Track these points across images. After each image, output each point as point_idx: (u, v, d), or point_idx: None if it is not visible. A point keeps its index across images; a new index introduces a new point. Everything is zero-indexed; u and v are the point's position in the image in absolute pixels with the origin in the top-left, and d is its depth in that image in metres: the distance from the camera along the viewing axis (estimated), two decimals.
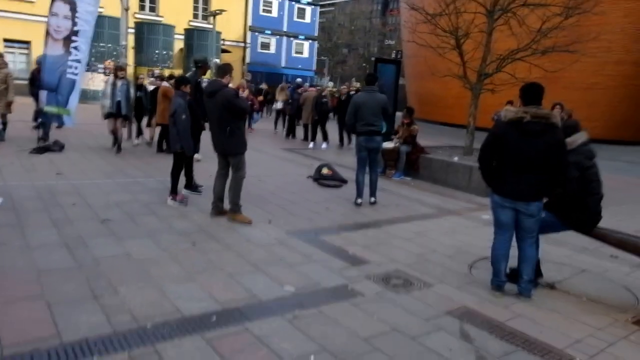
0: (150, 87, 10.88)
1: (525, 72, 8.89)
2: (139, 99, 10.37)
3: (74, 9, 8.84)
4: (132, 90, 9.87)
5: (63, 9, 8.83)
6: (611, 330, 3.60)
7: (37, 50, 12.60)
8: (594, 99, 19.12)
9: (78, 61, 8.86)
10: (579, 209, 4.14)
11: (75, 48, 8.82)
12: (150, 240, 4.72)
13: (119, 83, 9.33)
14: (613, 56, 18.69)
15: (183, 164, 6.31)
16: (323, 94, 13.67)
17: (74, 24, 8.82)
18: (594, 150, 4.25)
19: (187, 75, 7.34)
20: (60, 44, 8.83)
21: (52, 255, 4.12)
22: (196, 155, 9.08)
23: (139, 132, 10.81)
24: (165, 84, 9.77)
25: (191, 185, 6.75)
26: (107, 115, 9.36)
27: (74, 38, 8.79)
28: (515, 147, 3.84)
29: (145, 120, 11.02)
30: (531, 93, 3.90)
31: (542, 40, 9.28)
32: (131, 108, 9.80)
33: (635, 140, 19.99)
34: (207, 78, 11.14)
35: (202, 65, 7.24)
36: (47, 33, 8.92)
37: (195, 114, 6.29)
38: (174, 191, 6.17)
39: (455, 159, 9.11)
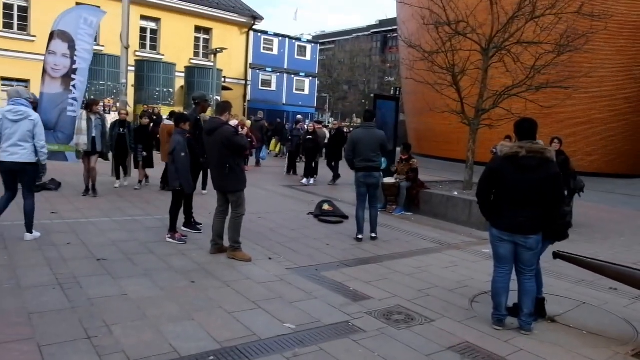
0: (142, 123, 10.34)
1: (522, 107, 9.05)
2: (121, 136, 9.60)
3: (72, 47, 9.00)
4: (107, 126, 9.27)
5: (61, 47, 8.99)
6: None
7: (35, 88, 12.81)
8: (589, 133, 19.40)
9: (75, 99, 9.00)
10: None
11: (74, 86, 8.95)
12: (147, 279, 4.68)
13: (93, 118, 8.74)
14: (605, 92, 19.11)
15: (182, 201, 6.32)
16: (309, 130, 13.68)
17: (73, 62, 8.97)
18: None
19: (187, 112, 7.41)
20: (59, 82, 8.94)
21: (44, 296, 4.06)
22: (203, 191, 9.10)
23: (125, 172, 10.12)
24: (168, 122, 9.67)
25: (190, 223, 6.75)
26: (84, 154, 8.69)
27: (73, 76, 8.93)
28: (512, 181, 3.90)
29: (132, 160, 10.28)
30: (524, 128, 3.99)
31: (536, 76, 9.49)
32: (107, 145, 9.20)
33: (631, 174, 20.15)
34: (209, 115, 11.24)
35: (200, 102, 7.32)
36: (44, 71, 9.04)
37: (194, 151, 6.34)
38: (172, 229, 6.17)
39: (455, 193, 9.14)
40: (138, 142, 10.00)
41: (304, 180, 12.79)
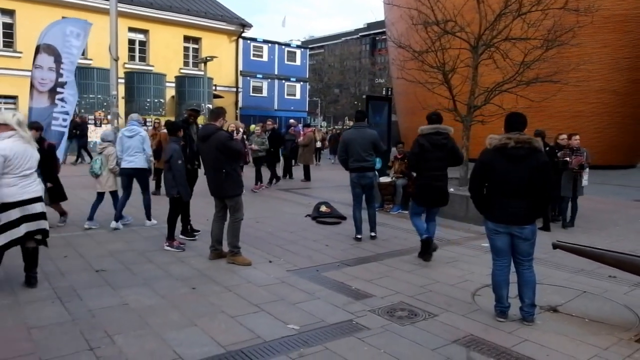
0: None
1: (512, 102, 9.12)
2: None
3: (58, 61, 8.88)
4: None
5: (47, 61, 8.86)
6: (616, 349, 3.58)
7: (23, 104, 12.60)
8: (580, 126, 19.50)
9: (66, 113, 8.89)
10: (416, 184, 5.69)
11: (62, 100, 8.80)
12: (147, 288, 4.66)
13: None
14: (594, 85, 19.29)
15: (180, 209, 6.29)
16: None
17: (59, 75, 8.85)
18: (437, 141, 5.66)
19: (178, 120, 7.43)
20: (46, 96, 8.79)
21: (44, 310, 4.03)
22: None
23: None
24: (163, 130, 9.64)
25: (187, 231, 6.71)
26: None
27: (59, 90, 8.79)
28: (503, 172, 3.94)
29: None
30: (514, 121, 4.07)
31: (526, 72, 9.57)
32: None
33: (623, 165, 20.33)
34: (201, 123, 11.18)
35: (190, 112, 7.26)
36: (32, 86, 8.94)
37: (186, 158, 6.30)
38: (170, 237, 6.14)
39: (451, 189, 9.14)
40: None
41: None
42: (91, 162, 7.43)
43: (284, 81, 35.87)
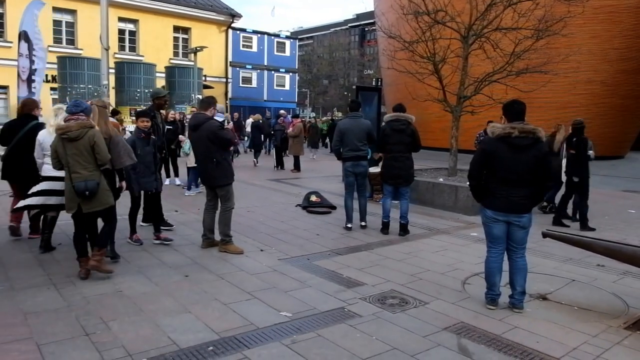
0: None
1: (502, 93, 9.16)
2: None
3: (31, 47, 8.66)
4: None
5: (24, 48, 8.64)
6: (605, 336, 3.64)
7: (14, 94, 12.24)
8: (567, 117, 19.59)
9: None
10: (383, 164, 6.82)
11: (35, 88, 8.59)
12: (141, 275, 4.67)
13: None
14: (582, 76, 19.43)
15: (138, 203, 6.08)
16: (170, 119, 10.18)
17: (32, 62, 8.62)
18: (396, 127, 6.58)
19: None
20: (25, 85, 8.62)
21: (39, 296, 4.04)
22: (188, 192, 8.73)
23: None
24: (112, 119, 9.24)
25: (164, 222, 6.56)
26: None
27: (32, 77, 8.59)
28: (506, 161, 3.94)
29: None
30: (515, 110, 4.04)
31: (516, 62, 9.62)
32: None
33: (611, 155, 20.56)
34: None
35: (154, 99, 6.92)
36: (18, 75, 8.74)
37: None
38: (132, 231, 5.98)
39: (441, 180, 9.24)
40: None
41: (173, 180, 10.26)
42: (182, 144, 9.15)
43: (273, 72, 35.71)
